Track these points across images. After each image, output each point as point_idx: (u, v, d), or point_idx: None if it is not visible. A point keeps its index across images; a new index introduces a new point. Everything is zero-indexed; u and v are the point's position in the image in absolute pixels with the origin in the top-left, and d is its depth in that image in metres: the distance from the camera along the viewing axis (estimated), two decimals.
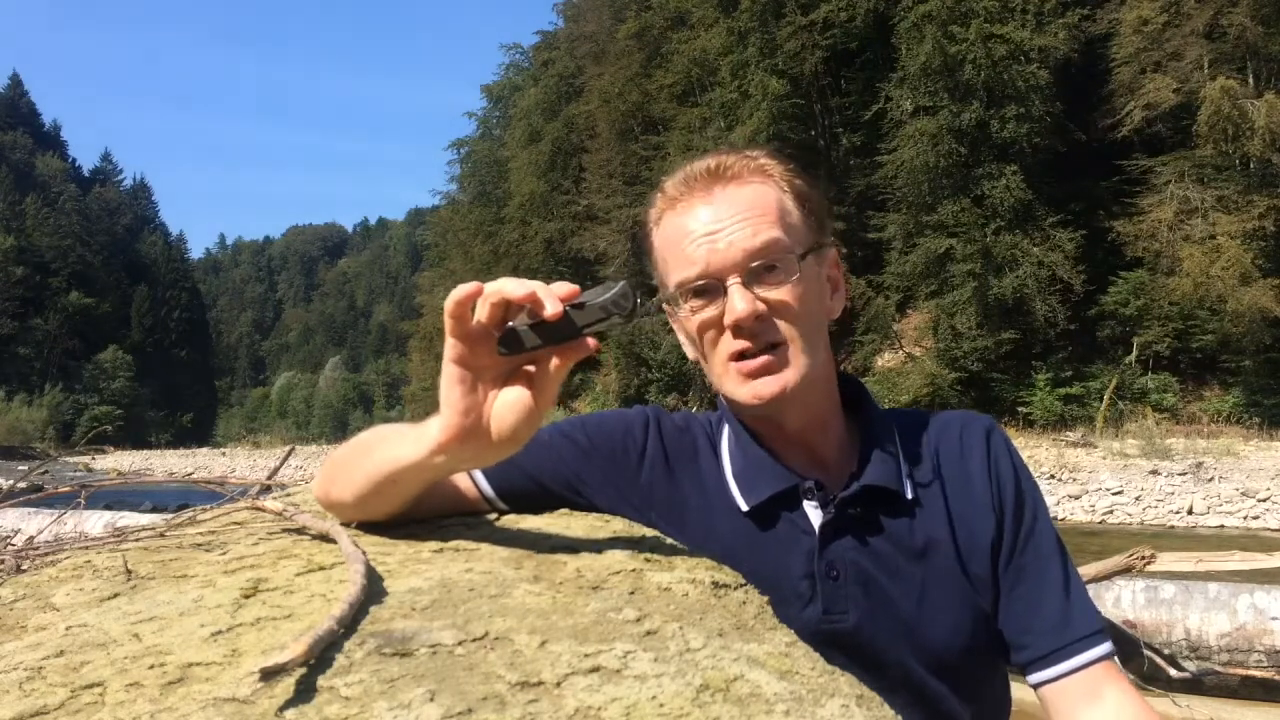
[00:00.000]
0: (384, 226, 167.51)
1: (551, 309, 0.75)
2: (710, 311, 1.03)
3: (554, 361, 0.78)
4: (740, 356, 1.03)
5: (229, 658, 0.62)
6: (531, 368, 0.80)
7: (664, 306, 1.14)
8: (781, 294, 1.02)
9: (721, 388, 1.07)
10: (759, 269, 1.01)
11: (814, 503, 1.05)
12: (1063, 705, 1.02)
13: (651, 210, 1.12)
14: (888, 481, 1.05)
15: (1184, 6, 23.31)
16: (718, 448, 1.12)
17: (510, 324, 0.78)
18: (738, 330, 1.01)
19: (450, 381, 0.79)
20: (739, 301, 0.99)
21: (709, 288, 1.03)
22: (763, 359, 1.02)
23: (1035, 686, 1.04)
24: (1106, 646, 1.04)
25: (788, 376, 1.02)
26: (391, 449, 0.87)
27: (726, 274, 1.01)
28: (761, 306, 1.01)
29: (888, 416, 1.13)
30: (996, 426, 1.14)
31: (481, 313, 0.77)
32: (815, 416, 1.09)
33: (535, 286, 0.76)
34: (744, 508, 1.06)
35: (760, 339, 1.02)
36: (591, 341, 0.78)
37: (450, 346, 0.78)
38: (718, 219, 1.03)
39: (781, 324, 1.02)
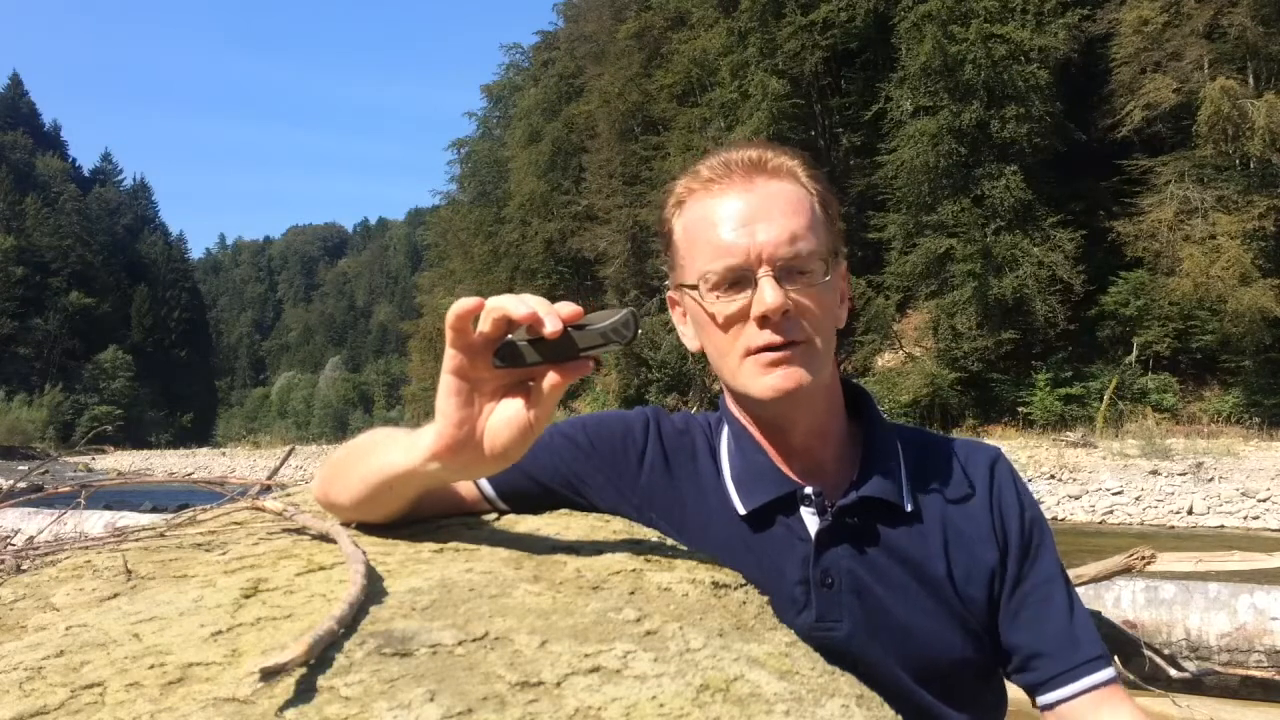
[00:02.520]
0: (384, 226, 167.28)
1: (551, 327, 0.75)
2: (736, 301, 1.02)
3: (551, 379, 0.78)
4: (760, 350, 1.02)
5: (229, 658, 0.62)
6: (530, 383, 0.80)
7: (670, 294, 1.13)
8: (808, 296, 1.02)
9: (735, 380, 1.06)
10: (790, 268, 1.01)
11: (811, 509, 1.05)
12: None
13: (676, 190, 1.10)
14: (886, 494, 1.05)
15: (1184, 6, 23.32)
16: (716, 450, 1.11)
17: (509, 337, 0.78)
18: (764, 322, 1.01)
19: (447, 392, 0.79)
20: (770, 294, 0.99)
21: (739, 277, 1.02)
22: (783, 352, 1.01)
23: (1044, 709, 1.05)
24: (1112, 670, 1.05)
25: (804, 374, 1.02)
26: (386, 455, 0.87)
27: (759, 265, 1.00)
28: (790, 303, 1.00)
29: (893, 431, 1.13)
30: (1003, 456, 1.15)
31: (483, 325, 0.76)
32: (818, 423, 1.09)
33: (537, 305, 0.76)
34: (741, 511, 1.06)
35: (784, 335, 1.01)
36: (589, 363, 0.78)
37: (449, 357, 0.78)
38: (755, 209, 1.02)
39: (805, 325, 1.02)
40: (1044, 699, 1.05)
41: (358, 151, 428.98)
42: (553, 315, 0.75)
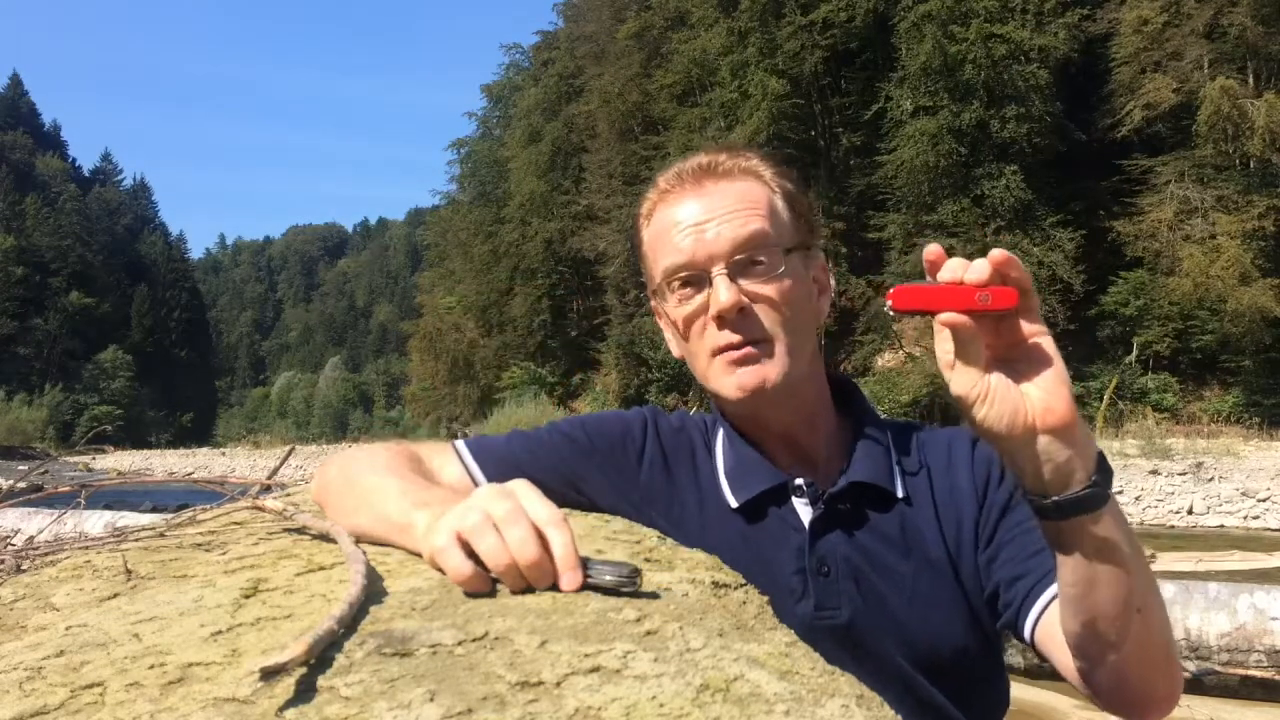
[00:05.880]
0: (384, 226, 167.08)
1: (570, 585, 0.71)
2: (696, 302, 1.04)
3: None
4: (723, 350, 1.03)
5: (229, 658, 0.62)
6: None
7: (652, 303, 1.15)
8: (766, 288, 1.02)
9: (706, 381, 1.07)
10: (744, 261, 1.02)
11: (804, 499, 1.06)
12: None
13: (644, 204, 1.13)
14: (877, 478, 1.06)
15: (1184, 6, 23.31)
16: (712, 447, 1.13)
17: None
18: (721, 321, 1.02)
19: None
20: (723, 292, 1.00)
21: (695, 278, 1.04)
22: (745, 350, 1.02)
23: (1031, 637, 0.99)
24: None
25: (769, 371, 1.02)
26: (382, 509, 0.86)
27: (712, 264, 1.02)
28: (745, 299, 1.01)
29: (883, 422, 1.14)
30: None
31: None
32: (802, 415, 1.09)
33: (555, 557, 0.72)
34: (733, 504, 1.07)
35: (745, 332, 1.02)
36: (575, 580, 0.72)
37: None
38: (706, 210, 1.04)
39: (766, 319, 1.03)
40: (1028, 621, 0.98)
41: (358, 151, 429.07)
42: (573, 572, 0.71)
